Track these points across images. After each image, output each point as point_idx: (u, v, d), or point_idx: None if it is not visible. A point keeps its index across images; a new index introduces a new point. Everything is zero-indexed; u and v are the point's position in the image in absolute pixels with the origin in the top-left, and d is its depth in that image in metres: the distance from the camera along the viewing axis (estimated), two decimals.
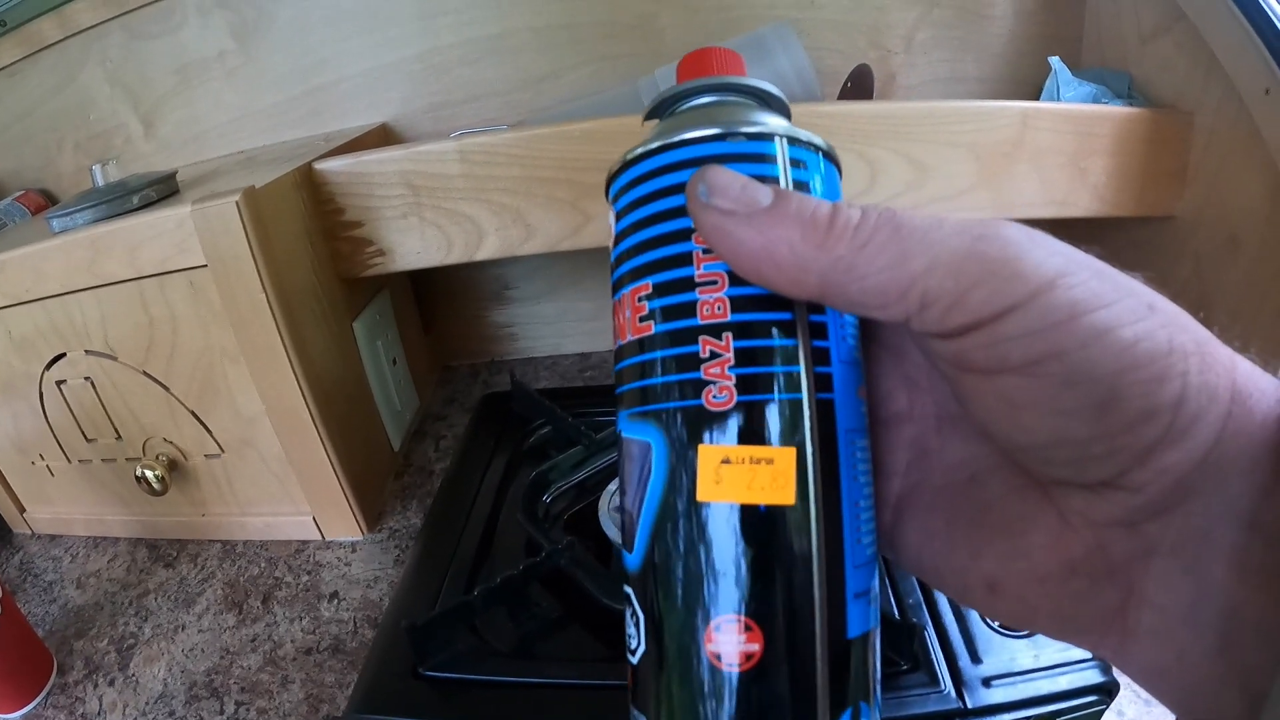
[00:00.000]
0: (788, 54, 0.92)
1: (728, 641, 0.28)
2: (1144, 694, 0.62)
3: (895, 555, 0.34)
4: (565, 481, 0.85)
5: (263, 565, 0.89)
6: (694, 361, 0.29)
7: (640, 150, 0.32)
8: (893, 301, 0.26)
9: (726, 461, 0.28)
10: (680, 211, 0.30)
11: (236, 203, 0.72)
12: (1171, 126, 0.91)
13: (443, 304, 1.27)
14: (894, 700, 0.58)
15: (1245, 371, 0.25)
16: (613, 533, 0.72)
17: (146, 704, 0.73)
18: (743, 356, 0.29)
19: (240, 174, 0.89)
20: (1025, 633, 0.61)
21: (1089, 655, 0.58)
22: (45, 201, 1.19)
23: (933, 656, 0.61)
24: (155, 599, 0.86)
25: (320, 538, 0.92)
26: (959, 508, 0.32)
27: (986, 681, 0.58)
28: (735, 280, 0.29)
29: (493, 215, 0.85)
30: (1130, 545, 0.27)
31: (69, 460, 0.93)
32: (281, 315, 0.77)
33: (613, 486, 0.78)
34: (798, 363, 0.29)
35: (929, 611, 0.65)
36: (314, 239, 0.86)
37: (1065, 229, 0.94)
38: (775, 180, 0.30)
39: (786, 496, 0.28)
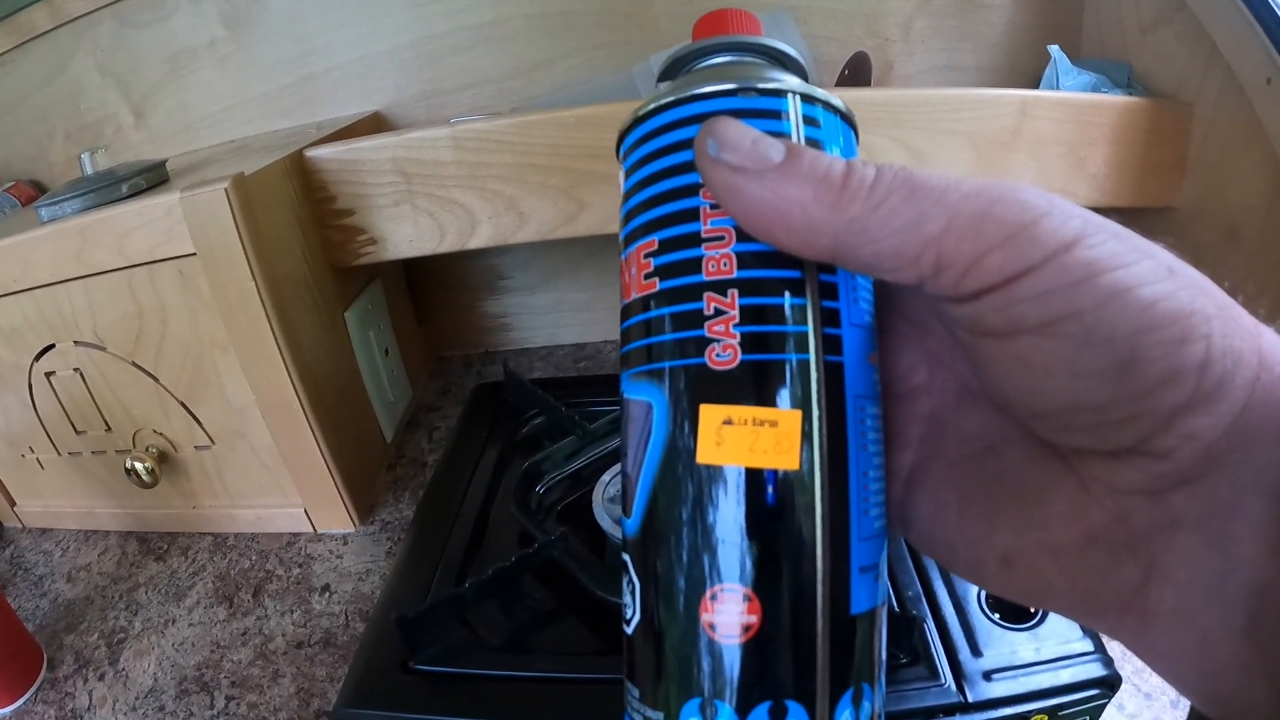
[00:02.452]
0: (785, 42, 0.91)
1: (725, 611, 0.27)
2: (1146, 688, 0.63)
3: (906, 531, 0.34)
4: (559, 472, 0.84)
5: (254, 558, 0.88)
6: (698, 318, 0.28)
7: (652, 105, 0.31)
8: (907, 264, 0.26)
9: (729, 422, 0.28)
10: (688, 167, 0.29)
11: (225, 190, 0.71)
12: (1171, 117, 0.91)
13: (436, 294, 1.27)
14: (894, 693, 0.57)
15: (1271, 338, 0.25)
16: (607, 524, 0.71)
17: (137, 698, 0.73)
18: (748, 314, 0.28)
19: (231, 162, 0.88)
20: (1028, 624, 0.61)
21: (1091, 649, 0.57)
22: (36, 192, 1.18)
23: (933, 649, 0.60)
24: (146, 592, 0.86)
25: (312, 530, 0.91)
26: (974, 479, 0.31)
27: (987, 675, 0.58)
28: (743, 236, 0.28)
29: (486, 203, 0.85)
30: (1153, 515, 0.26)
31: (59, 453, 0.92)
32: (271, 304, 0.77)
33: (606, 478, 0.77)
34: (806, 323, 0.28)
35: (929, 604, 0.64)
36: (305, 227, 0.85)
37: None
38: (788, 139, 0.29)
39: (790, 461, 0.27)
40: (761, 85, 0.30)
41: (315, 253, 0.87)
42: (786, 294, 0.28)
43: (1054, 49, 0.97)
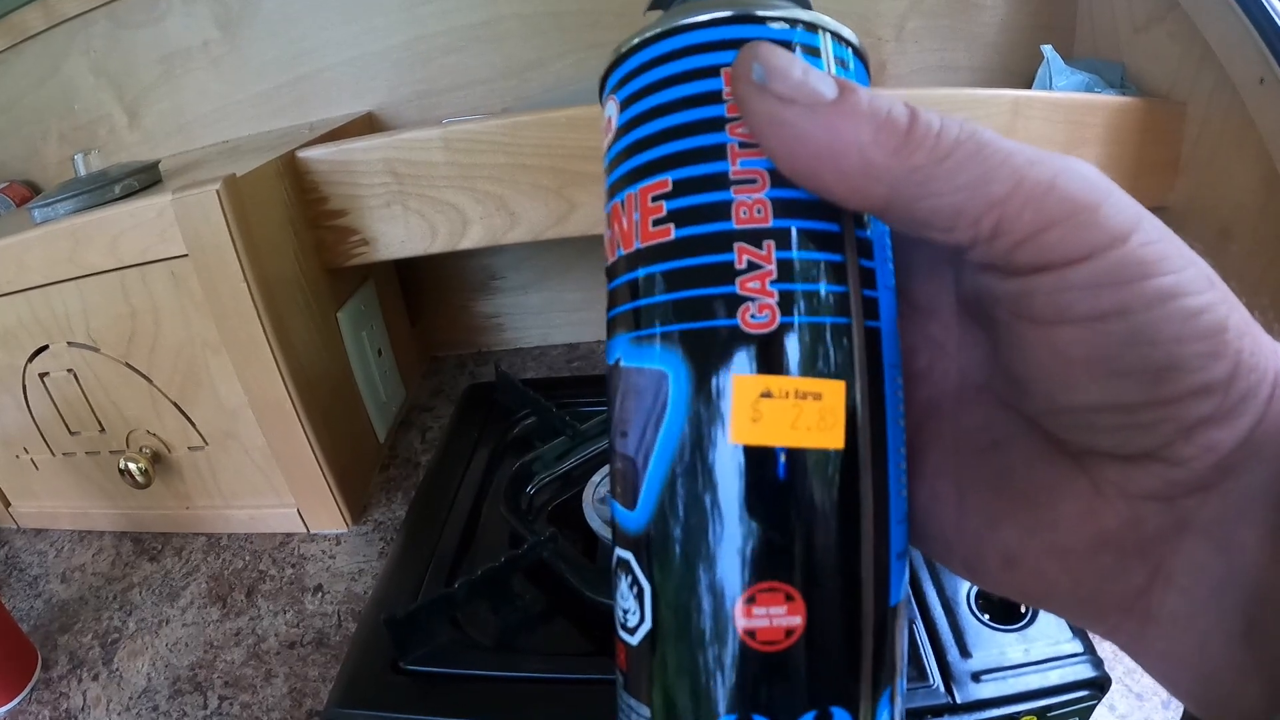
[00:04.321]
0: None
1: (766, 615, 0.24)
2: (1137, 688, 0.63)
3: None
4: (549, 473, 0.84)
5: (247, 558, 0.88)
6: (728, 273, 0.25)
7: (663, 27, 0.27)
8: (965, 224, 0.24)
9: (767, 395, 0.24)
10: (713, 97, 0.26)
11: (217, 191, 0.71)
12: (1164, 116, 0.91)
13: (429, 294, 1.27)
14: None
15: None
16: (597, 525, 0.71)
17: (130, 699, 0.73)
18: (786, 270, 0.25)
19: (223, 163, 0.88)
20: (1017, 625, 0.61)
21: (1080, 650, 0.57)
22: (30, 193, 1.18)
23: (921, 650, 0.60)
24: (140, 593, 0.86)
25: (305, 530, 0.91)
26: (975, 474, 0.30)
27: (976, 676, 0.58)
28: (779, 180, 0.25)
29: (477, 203, 0.85)
30: (1165, 520, 0.26)
31: (53, 453, 0.92)
32: (264, 305, 0.77)
33: (596, 478, 0.77)
34: (846, 282, 0.25)
35: (917, 604, 0.64)
36: (297, 228, 0.85)
37: None
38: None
39: (835, 439, 0.25)
40: (801, 16, 0.26)
41: (308, 253, 0.87)
42: (827, 248, 0.25)
43: (1047, 49, 0.98)
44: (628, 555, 0.27)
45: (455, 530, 0.78)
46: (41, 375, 0.86)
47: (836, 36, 0.27)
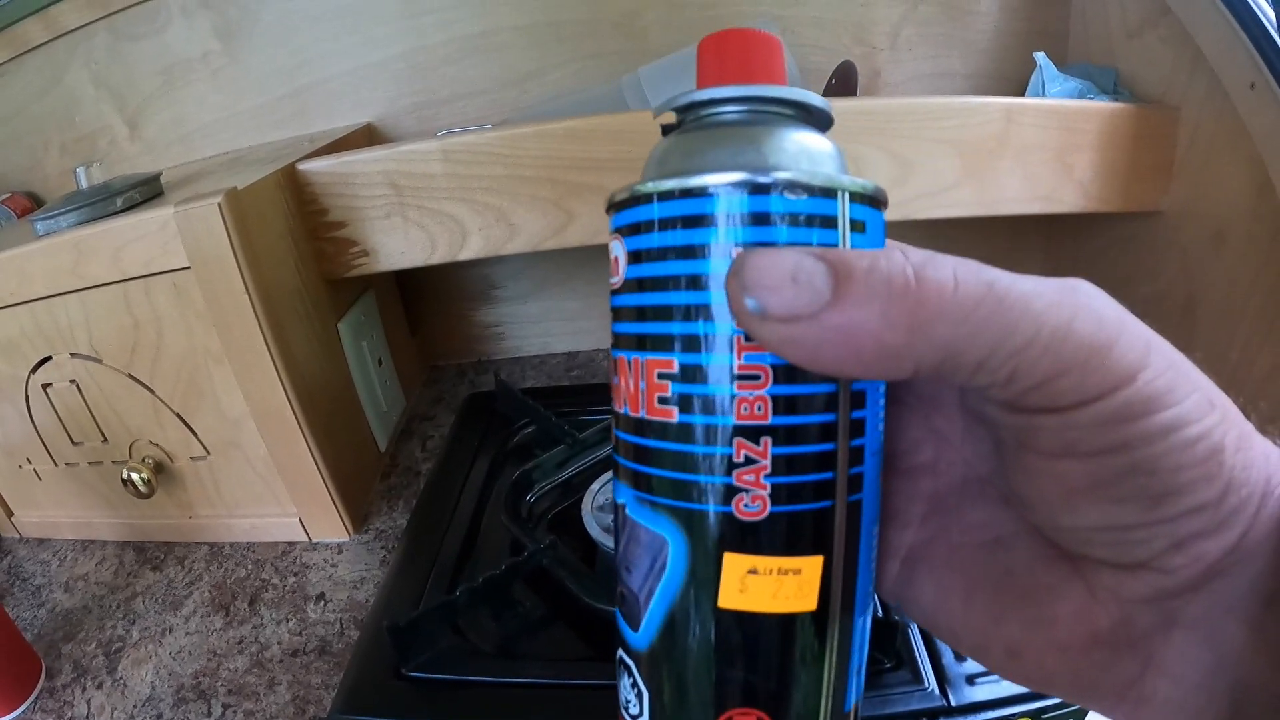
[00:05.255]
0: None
1: None
2: None
3: (905, 607, 0.34)
4: (549, 481, 0.85)
5: (249, 567, 0.89)
6: (726, 465, 0.26)
7: (675, 185, 0.27)
8: (981, 374, 0.24)
9: (753, 571, 0.27)
10: (714, 281, 0.26)
11: (219, 204, 0.72)
12: (1157, 121, 0.91)
13: (429, 304, 1.27)
14: (877, 698, 0.58)
15: (1275, 461, 0.26)
16: (597, 532, 0.72)
17: (134, 707, 0.73)
18: (780, 464, 0.26)
19: (224, 175, 0.89)
20: None
21: None
22: (32, 204, 1.19)
23: (916, 654, 0.61)
24: (143, 602, 0.86)
25: (307, 539, 0.92)
26: (980, 570, 0.31)
27: (970, 679, 0.58)
28: (781, 376, 0.26)
29: (476, 215, 0.85)
30: (1154, 619, 0.27)
31: (56, 464, 0.93)
32: (265, 316, 0.77)
33: (596, 486, 0.78)
34: (834, 468, 0.27)
35: None
36: (298, 240, 0.86)
37: (1052, 224, 0.94)
38: (834, 246, 0.26)
39: (809, 604, 0.27)
40: (808, 183, 0.26)
41: (308, 265, 0.88)
42: (820, 439, 0.27)
43: (1040, 56, 0.98)
44: (630, 662, 0.30)
45: (456, 538, 0.79)
46: (44, 386, 0.86)
47: (855, 196, 0.27)
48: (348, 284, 0.97)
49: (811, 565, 0.27)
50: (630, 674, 0.30)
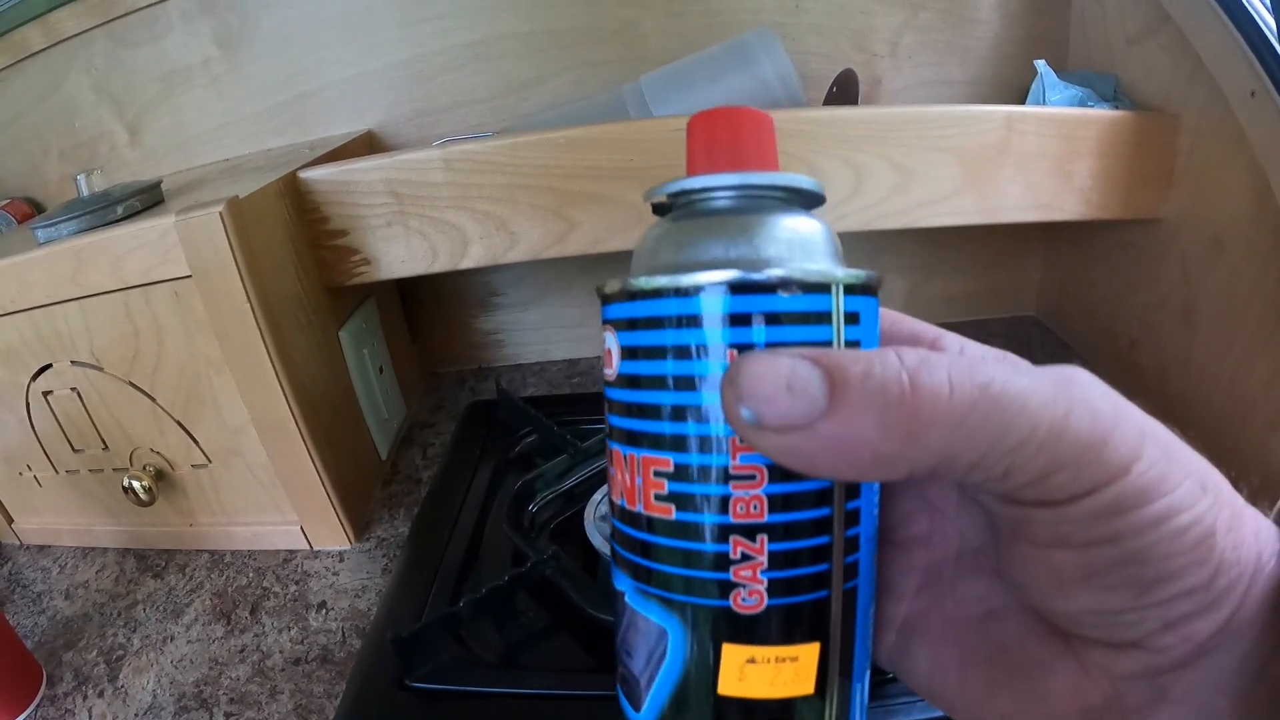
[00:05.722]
0: (771, 59, 0.92)
1: None
2: None
3: (901, 676, 0.34)
4: (551, 490, 0.85)
5: (251, 575, 0.89)
6: (723, 562, 0.27)
7: (667, 283, 0.27)
8: (976, 472, 0.24)
9: (752, 661, 0.27)
10: (708, 383, 0.26)
11: (220, 213, 0.72)
12: (1157, 129, 0.91)
13: (429, 311, 1.28)
14: (880, 708, 0.58)
15: (1265, 538, 0.26)
16: (599, 542, 0.72)
17: (136, 715, 0.73)
18: (777, 560, 0.27)
19: (224, 183, 0.89)
20: None
21: None
22: (32, 210, 1.19)
23: None
24: (144, 610, 0.86)
25: (308, 547, 0.92)
26: (974, 644, 0.31)
27: None
28: (775, 476, 0.26)
29: (477, 223, 0.86)
30: (1145, 694, 0.27)
31: (56, 471, 0.93)
32: (266, 325, 0.77)
33: (598, 496, 0.78)
34: (830, 560, 0.28)
35: None
36: (298, 248, 0.86)
37: (1053, 231, 0.94)
38: (828, 345, 0.27)
39: (807, 688, 0.28)
40: (803, 279, 0.26)
41: (309, 273, 0.88)
42: (815, 534, 0.27)
43: (1040, 64, 0.98)
44: None
45: (459, 548, 0.79)
46: (45, 393, 0.86)
47: (849, 288, 0.27)
48: (348, 292, 0.97)
49: (809, 652, 0.28)
50: None
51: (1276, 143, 0.79)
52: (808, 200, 0.31)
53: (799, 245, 0.28)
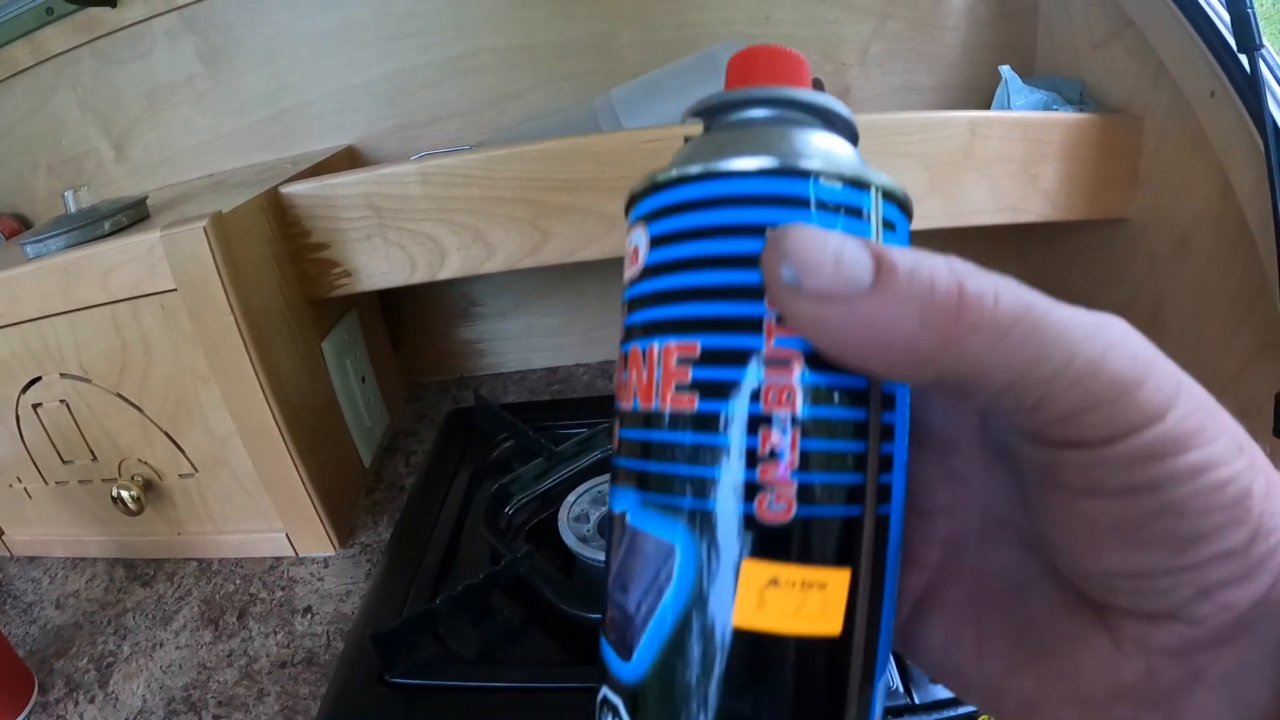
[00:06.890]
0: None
1: None
2: None
3: (912, 655, 0.32)
4: (527, 493, 0.87)
5: (238, 582, 0.90)
6: (750, 458, 0.24)
7: (704, 167, 0.25)
8: (1008, 397, 0.23)
9: (774, 583, 0.24)
10: (751, 260, 0.24)
11: (204, 228, 0.74)
12: (1122, 131, 0.93)
13: (411, 322, 1.29)
14: None
15: None
16: (573, 542, 0.74)
17: (126, 719, 0.75)
18: (808, 460, 0.24)
19: (209, 198, 0.91)
20: None
21: None
22: (19, 225, 1.20)
23: None
24: (133, 617, 0.87)
25: (294, 554, 0.93)
26: (998, 619, 0.30)
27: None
28: (813, 363, 0.24)
29: (454, 235, 0.87)
30: (1180, 673, 0.26)
31: (46, 482, 0.94)
32: (250, 336, 0.79)
33: (572, 498, 0.80)
34: (864, 471, 0.25)
35: None
36: (281, 261, 0.88)
37: (1025, 234, 0.95)
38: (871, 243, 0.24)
39: (833, 626, 0.24)
40: (844, 173, 0.25)
41: (292, 285, 0.90)
42: (851, 438, 0.25)
43: (1004, 69, 1.00)
44: (616, 700, 0.27)
45: (438, 549, 0.81)
46: (34, 406, 0.87)
47: (888, 195, 0.26)
48: (331, 304, 0.98)
49: (838, 579, 0.24)
50: (616, 714, 0.27)
51: (1236, 142, 0.81)
52: (843, 131, 0.28)
53: (837, 158, 0.26)
